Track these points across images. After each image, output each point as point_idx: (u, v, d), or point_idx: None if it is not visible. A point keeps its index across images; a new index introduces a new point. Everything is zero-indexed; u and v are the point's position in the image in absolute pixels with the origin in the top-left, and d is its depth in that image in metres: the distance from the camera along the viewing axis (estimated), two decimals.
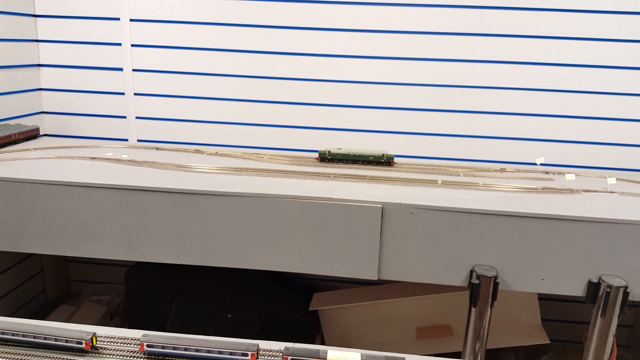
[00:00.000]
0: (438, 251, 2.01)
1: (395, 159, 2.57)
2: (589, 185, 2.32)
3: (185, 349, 1.00)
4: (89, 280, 3.26)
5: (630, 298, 1.95)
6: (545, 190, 2.24)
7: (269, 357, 1.02)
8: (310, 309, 2.68)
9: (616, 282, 1.92)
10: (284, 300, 2.74)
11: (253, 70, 2.87)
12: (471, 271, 1.99)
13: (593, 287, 1.96)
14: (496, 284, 1.95)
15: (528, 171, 2.58)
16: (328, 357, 0.96)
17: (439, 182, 2.28)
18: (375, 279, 2.06)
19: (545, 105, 2.80)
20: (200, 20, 2.82)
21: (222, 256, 2.08)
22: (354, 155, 2.50)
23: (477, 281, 1.94)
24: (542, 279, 2.00)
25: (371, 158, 2.50)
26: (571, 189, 2.25)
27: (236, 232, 2.04)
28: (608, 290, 1.91)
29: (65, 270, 3.26)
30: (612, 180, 2.30)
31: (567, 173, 2.35)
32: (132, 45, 2.88)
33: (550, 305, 2.90)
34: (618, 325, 3.09)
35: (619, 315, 1.96)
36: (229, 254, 2.08)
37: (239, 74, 2.88)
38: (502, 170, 2.57)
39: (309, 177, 2.26)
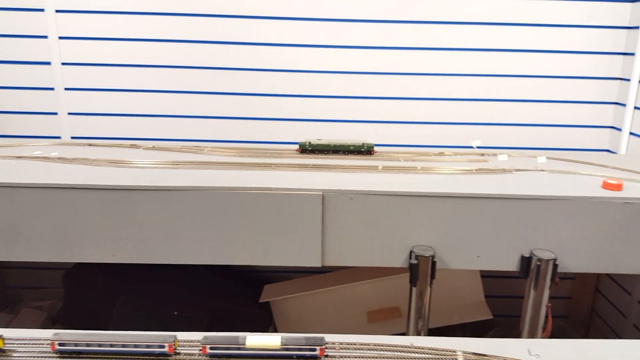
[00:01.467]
0: (379, 234, 2.05)
1: None
2: (520, 164, 2.41)
3: (99, 345, 0.97)
4: (28, 286, 3.11)
5: (559, 270, 2.06)
6: (480, 171, 2.32)
7: (188, 348, 1.00)
8: (261, 300, 2.67)
9: (546, 255, 2.02)
10: (234, 294, 2.72)
11: (187, 60, 2.81)
12: (410, 252, 2.04)
13: (525, 262, 2.05)
14: (434, 263, 2.00)
15: (465, 154, 2.66)
16: (247, 343, 0.96)
17: (380, 167, 2.31)
18: (319, 265, 2.07)
19: (480, 90, 2.89)
20: (135, 10, 2.72)
21: (161, 253, 2.03)
22: (335, 146, 2.47)
23: (415, 261, 1.98)
24: (478, 256, 2.08)
25: (352, 148, 2.48)
26: (504, 169, 2.33)
27: (174, 227, 2.00)
28: (538, 263, 2.00)
29: (1, 277, 3.10)
30: (542, 159, 2.40)
31: (499, 154, 2.44)
32: (60, 38, 2.74)
33: (494, 282, 3.02)
34: (557, 297, 3.29)
35: (550, 287, 2.07)
36: (168, 251, 2.03)
37: (173, 65, 2.81)
38: (441, 154, 2.64)
39: (250, 168, 2.24)
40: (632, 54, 2.76)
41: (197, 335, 1.02)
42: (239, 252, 2.07)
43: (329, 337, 1.05)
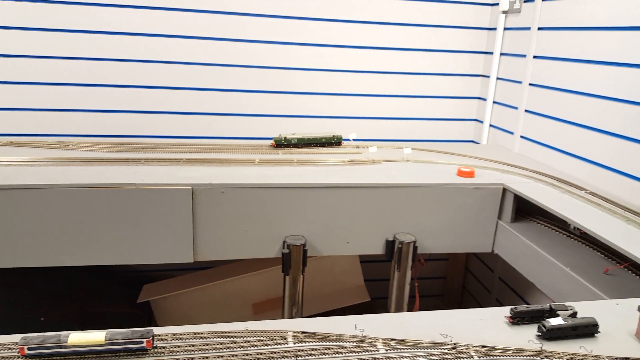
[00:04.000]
0: (252, 227, 2.08)
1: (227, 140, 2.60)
2: (389, 155, 2.57)
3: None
4: None
5: (419, 251, 2.23)
6: (352, 162, 2.43)
7: (6, 351, 0.95)
8: (139, 301, 2.59)
9: (407, 238, 2.18)
10: (109, 296, 2.60)
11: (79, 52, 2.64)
12: (283, 242, 2.10)
13: (389, 245, 2.20)
14: (305, 251, 2.07)
15: (342, 146, 2.77)
16: (69, 341, 0.93)
17: (256, 160, 2.34)
18: (192, 261, 2.05)
19: (360, 85, 3.03)
20: None
21: (23, 255, 1.89)
22: (308, 139, 2.65)
23: (287, 250, 2.04)
24: (348, 242, 2.19)
25: (323, 140, 2.67)
26: (373, 160, 2.47)
27: (35, 228, 1.87)
28: (400, 246, 2.16)
29: None
30: (408, 150, 2.58)
31: (370, 146, 2.58)
32: None
33: (373, 267, 3.18)
34: (433, 278, 3.56)
35: (413, 267, 2.24)
36: (31, 253, 1.90)
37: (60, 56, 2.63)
38: (319, 146, 2.72)
39: (117, 164, 2.15)
40: (491, 53, 3.05)
41: (16, 338, 0.97)
42: (106, 251, 1.99)
43: (161, 329, 1.05)
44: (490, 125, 3.13)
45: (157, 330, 1.05)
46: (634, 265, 1.58)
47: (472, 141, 3.30)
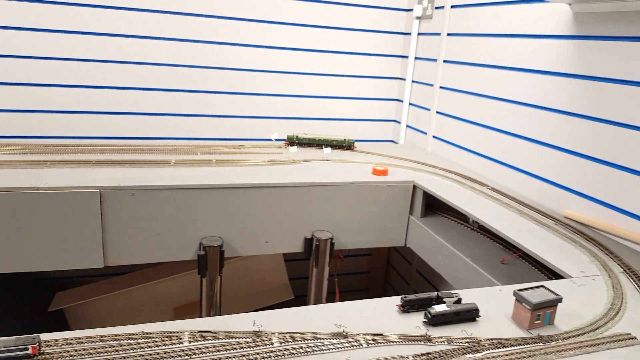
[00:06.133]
0: (166, 230, 2.05)
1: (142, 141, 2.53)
2: (309, 155, 2.63)
3: None
4: None
5: (337, 247, 2.30)
6: (272, 162, 2.46)
7: None
8: (50, 309, 2.46)
9: (324, 235, 2.24)
10: (18, 306, 2.45)
11: None
12: (200, 244, 2.08)
13: (308, 243, 2.25)
14: (222, 252, 2.07)
15: (264, 146, 2.80)
16: None
17: (172, 161, 2.30)
18: (102, 266, 1.99)
19: (283, 86, 3.06)
20: None
21: None
22: (319, 140, 2.80)
23: (203, 252, 2.03)
24: (266, 242, 2.21)
25: (334, 143, 2.80)
26: (294, 160, 2.51)
27: None
28: (317, 243, 2.21)
29: None
30: (327, 150, 2.65)
31: (290, 146, 2.62)
32: None
33: (300, 265, 3.23)
34: (358, 273, 3.67)
35: (329, 263, 2.30)
36: None
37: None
38: (241, 146, 2.73)
39: (21, 166, 2.04)
40: (407, 57, 3.20)
41: None
42: (10, 259, 1.88)
43: (50, 335, 1.02)
44: (407, 126, 3.28)
45: (45, 336, 1.02)
46: (527, 254, 1.73)
47: (392, 141, 3.44)
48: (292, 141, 2.81)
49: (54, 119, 2.67)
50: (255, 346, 1.05)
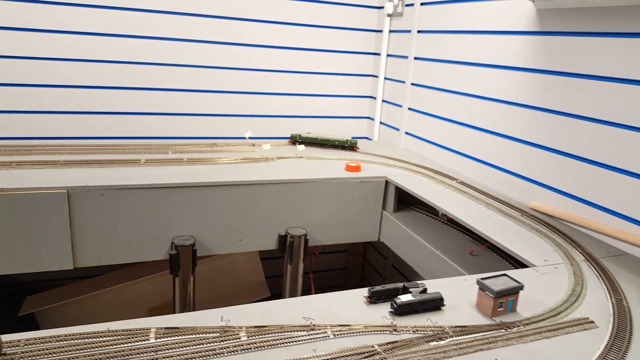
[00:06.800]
0: (136, 230, 2.03)
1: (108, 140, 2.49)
2: (283, 153, 2.63)
3: None
4: None
5: (311, 243, 2.32)
6: (245, 160, 2.46)
7: None
8: (20, 313, 2.42)
9: (298, 232, 2.25)
10: None
11: None
12: (171, 243, 2.07)
13: (282, 240, 2.26)
14: (194, 252, 2.06)
15: (237, 144, 2.79)
16: None
17: (142, 160, 2.28)
18: (72, 267, 1.96)
19: (257, 84, 3.06)
20: None
21: None
22: (322, 140, 2.82)
23: (175, 252, 2.02)
24: (240, 240, 2.21)
25: (337, 143, 2.81)
26: (267, 157, 2.52)
27: None
28: (291, 240, 2.22)
29: None
30: (301, 147, 2.66)
31: (264, 144, 2.62)
32: None
33: (276, 263, 3.24)
34: (335, 270, 3.70)
35: (306, 260, 2.31)
36: None
37: None
38: (213, 145, 2.72)
39: None
40: (379, 54, 3.22)
41: None
42: None
43: (12, 336, 1.01)
44: (381, 123, 3.31)
45: (6, 337, 1.00)
46: (494, 245, 1.77)
47: (366, 137, 3.46)
48: (295, 140, 2.85)
49: (19, 119, 2.62)
50: (222, 340, 1.06)
